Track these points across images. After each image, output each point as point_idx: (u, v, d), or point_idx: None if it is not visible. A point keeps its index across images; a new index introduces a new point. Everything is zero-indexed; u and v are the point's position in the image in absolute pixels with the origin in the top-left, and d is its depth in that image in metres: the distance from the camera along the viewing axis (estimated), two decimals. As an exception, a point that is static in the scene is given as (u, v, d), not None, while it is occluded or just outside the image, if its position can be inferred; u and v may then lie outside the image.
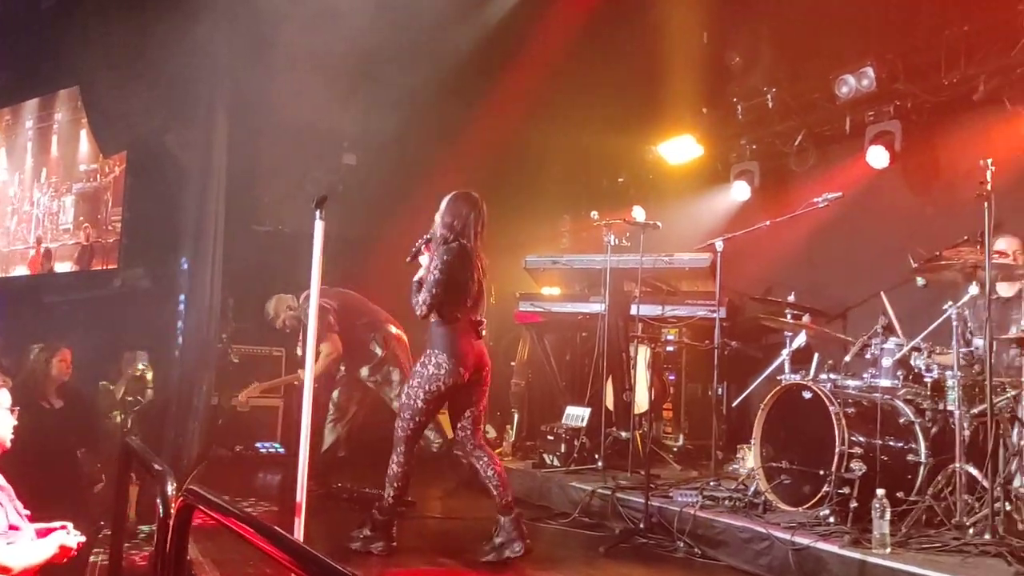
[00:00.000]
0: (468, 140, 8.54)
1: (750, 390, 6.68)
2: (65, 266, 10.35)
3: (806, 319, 5.92)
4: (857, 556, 4.03)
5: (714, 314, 6.38)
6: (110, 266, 9.63)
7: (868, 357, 5.17)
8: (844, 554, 4.09)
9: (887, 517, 4.08)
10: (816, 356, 5.56)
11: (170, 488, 2.45)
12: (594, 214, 6.75)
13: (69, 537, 3.26)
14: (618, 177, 9.41)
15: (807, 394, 4.99)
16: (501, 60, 7.89)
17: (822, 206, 5.86)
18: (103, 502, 5.39)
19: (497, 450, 7.64)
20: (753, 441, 5.24)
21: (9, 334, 8.14)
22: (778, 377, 5.70)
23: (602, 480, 6.07)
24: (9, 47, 10.20)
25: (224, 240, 7.44)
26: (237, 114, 7.52)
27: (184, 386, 7.24)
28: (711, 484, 5.68)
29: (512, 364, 8.34)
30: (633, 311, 6.92)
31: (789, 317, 5.88)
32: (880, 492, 4.15)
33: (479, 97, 8.14)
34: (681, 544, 4.90)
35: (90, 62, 8.84)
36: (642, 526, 5.15)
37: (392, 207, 8.41)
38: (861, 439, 4.72)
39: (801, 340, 5.85)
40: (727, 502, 5.20)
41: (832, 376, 5.26)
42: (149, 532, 4.74)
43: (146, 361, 7.74)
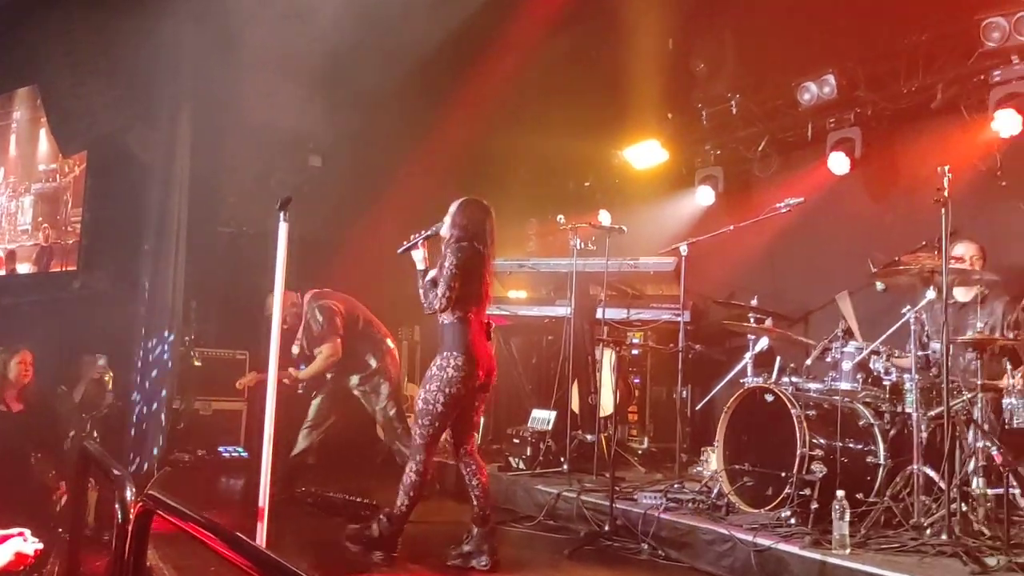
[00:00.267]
0: (435, 143, 8.54)
1: (714, 393, 6.75)
2: (24, 267, 10.16)
3: (768, 323, 5.99)
4: (817, 557, 4.08)
5: (678, 318, 6.43)
6: (69, 268, 9.46)
7: (829, 360, 5.24)
8: (805, 555, 4.14)
9: (847, 518, 4.13)
10: (778, 359, 5.62)
11: (128, 493, 2.41)
12: (560, 218, 6.77)
13: (26, 544, 3.19)
14: (584, 181, 9.45)
15: (769, 397, 5.05)
16: (468, 63, 7.89)
17: (784, 211, 5.94)
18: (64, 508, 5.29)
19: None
20: (716, 444, 5.29)
21: (-36, 337, 7.97)
22: (741, 380, 5.76)
23: (567, 483, 6.08)
24: (-35, 44, 10.00)
25: (187, 242, 7.36)
26: (201, 114, 7.44)
27: (145, 390, 7.14)
28: (675, 486, 5.71)
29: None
30: (599, 315, 6.96)
31: (752, 321, 5.94)
32: (840, 494, 4.21)
33: (446, 100, 8.13)
34: (645, 546, 4.93)
35: (49, 59, 8.69)
36: (607, 529, 5.17)
37: (358, 209, 8.38)
38: (822, 441, 4.78)
39: (764, 344, 5.93)
40: (691, 504, 5.25)
41: (794, 379, 5.32)
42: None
43: (106, 365, 7.62)
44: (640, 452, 7.39)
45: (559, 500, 5.76)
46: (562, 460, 6.58)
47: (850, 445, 4.85)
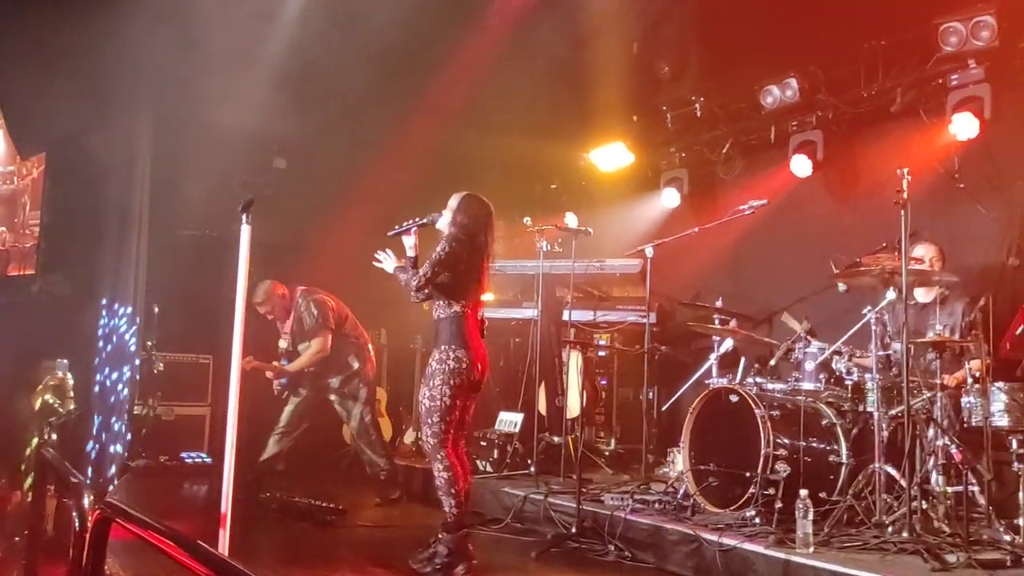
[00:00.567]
0: (400, 145, 8.50)
1: (679, 394, 6.79)
2: (-21, 271, 9.95)
3: (733, 324, 6.05)
4: (781, 556, 4.11)
5: (644, 319, 6.47)
6: (28, 272, 9.28)
7: (792, 361, 5.31)
8: (769, 554, 4.17)
9: (810, 517, 4.18)
10: (743, 360, 5.69)
11: (86, 501, 2.37)
12: (527, 220, 6.78)
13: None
14: (551, 183, 9.47)
15: (734, 398, 5.09)
16: (433, 65, 7.86)
17: (748, 213, 6.01)
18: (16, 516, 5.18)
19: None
20: (682, 444, 5.32)
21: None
22: (706, 381, 5.81)
23: (535, 485, 6.09)
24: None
25: (148, 245, 7.25)
26: (162, 115, 7.34)
27: (105, 395, 7.03)
28: (642, 488, 5.75)
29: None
30: (565, 316, 6.98)
31: (717, 322, 6.00)
32: (803, 493, 4.25)
33: (411, 103, 8.09)
34: (612, 548, 4.95)
35: (6, 59, 8.51)
36: (574, 530, 5.17)
37: (323, 211, 8.32)
38: (786, 441, 4.83)
39: (728, 345, 5.98)
40: (657, 505, 5.28)
41: (758, 380, 5.38)
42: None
43: (66, 370, 7.48)
44: (607, 453, 7.42)
45: (526, 502, 5.76)
46: (529, 462, 6.59)
47: (813, 445, 4.90)
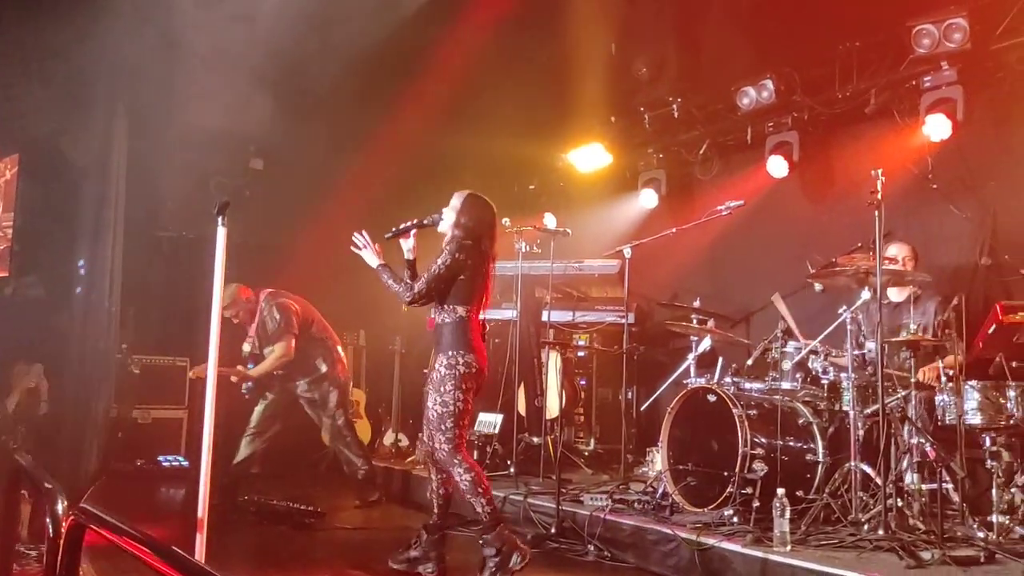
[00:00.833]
0: (378, 146, 8.47)
1: (658, 394, 6.81)
2: (-49, 274, 9.81)
3: (711, 324, 6.08)
4: (759, 554, 4.14)
5: (623, 320, 6.49)
6: (1, 274, 9.16)
7: (769, 360, 5.34)
8: (747, 553, 4.20)
9: (787, 516, 4.21)
10: (720, 360, 5.71)
11: (60, 507, 2.34)
12: (505, 221, 6.75)
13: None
14: (529, 184, 9.48)
15: (712, 397, 5.12)
16: (412, 66, 7.84)
17: (725, 214, 6.05)
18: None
19: (409, 458, 7.61)
20: (660, 444, 5.35)
21: None
22: (684, 381, 5.83)
23: (514, 486, 6.09)
24: None
25: (124, 246, 7.18)
26: (138, 115, 7.26)
27: (81, 399, 6.95)
28: (621, 487, 5.77)
29: (425, 371, 8.26)
30: (544, 317, 6.99)
31: (695, 322, 6.03)
32: (780, 492, 4.28)
33: (389, 103, 8.07)
34: (591, 548, 4.96)
35: (-22, 60, 8.41)
36: (553, 531, 5.19)
37: (300, 213, 8.28)
38: (763, 440, 4.86)
39: (706, 344, 6.01)
40: (636, 505, 5.30)
41: (735, 379, 5.41)
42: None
43: (40, 374, 7.40)
44: (586, 454, 7.44)
45: (506, 503, 5.76)
46: (509, 463, 6.59)
47: (790, 443, 4.94)
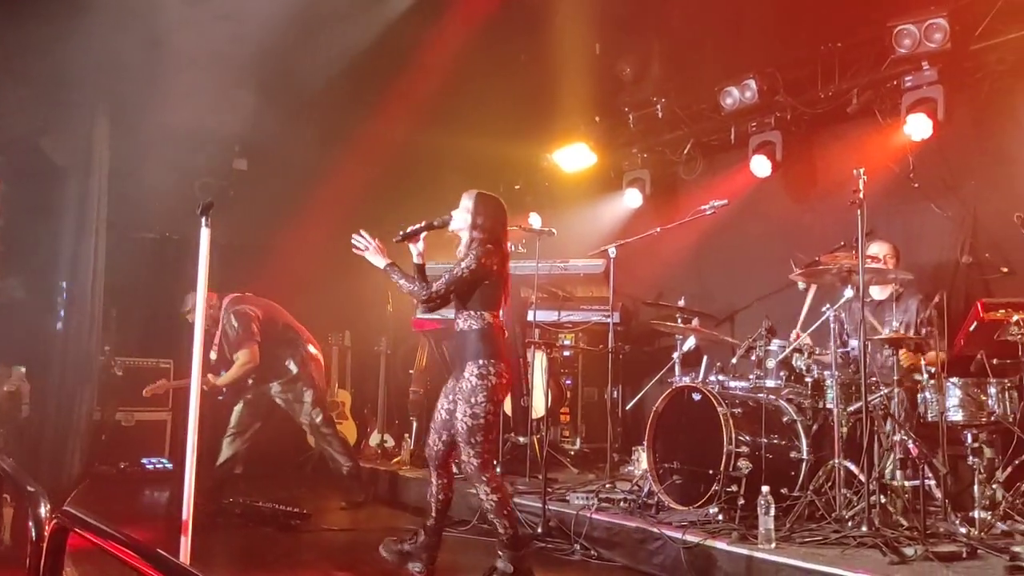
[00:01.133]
0: (363, 146, 8.46)
1: (643, 393, 6.84)
2: (-70, 276, 9.70)
3: (695, 323, 6.11)
4: (744, 552, 4.16)
5: (608, 319, 6.50)
6: (-19, 276, 9.08)
7: (753, 359, 5.36)
8: (732, 550, 4.23)
9: (772, 513, 4.23)
10: (705, 359, 5.74)
11: (43, 510, 2.32)
12: (490, 221, 6.76)
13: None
14: (514, 184, 9.48)
15: (697, 396, 5.14)
16: (396, 66, 7.83)
17: (709, 213, 6.07)
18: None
19: (395, 459, 7.60)
20: (645, 443, 5.36)
21: None
22: (669, 380, 5.86)
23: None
24: None
25: (106, 248, 7.13)
26: (120, 115, 7.21)
27: (64, 401, 6.89)
28: (607, 486, 5.78)
29: (411, 372, 8.30)
30: (530, 317, 6.99)
31: (679, 321, 6.06)
32: (765, 489, 4.31)
33: (374, 103, 8.06)
34: (578, 547, 4.97)
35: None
36: (540, 530, 5.19)
37: (285, 213, 8.25)
38: (747, 438, 4.89)
39: (691, 343, 6.03)
40: (622, 504, 5.31)
41: (720, 378, 5.44)
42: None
43: (22, 376, 7.33)
44: (572, 453, 7.45)
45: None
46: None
47: (774, 441, 4.97)
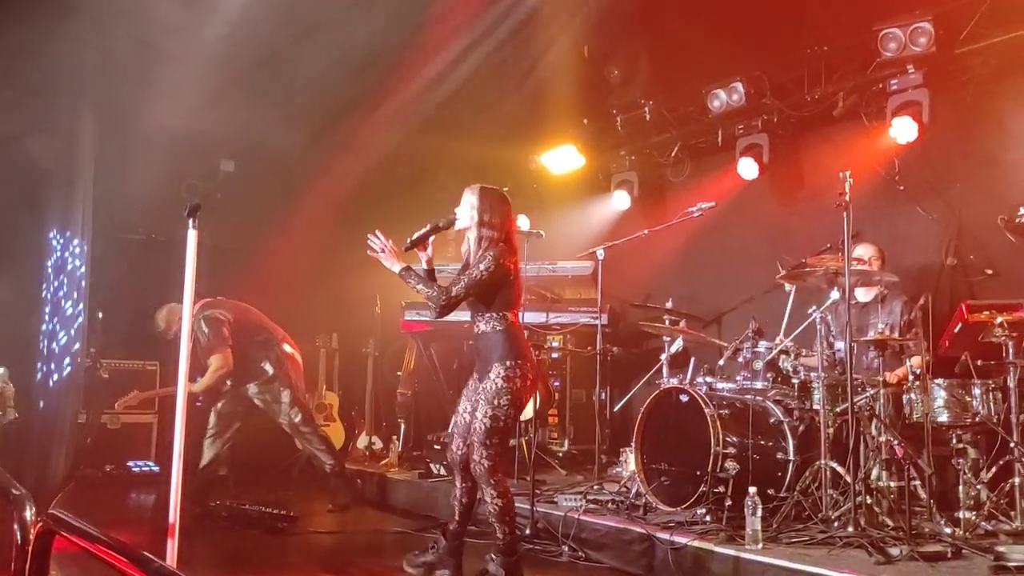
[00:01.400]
0: (352, 148, 8.44)
1: (631, 394, 6.86)
2: (-86, 278, 9.62)
3: (683, 324, 6.12)
4: (732, 552, 4.17)
5: (596, 321, 6.51)
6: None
7: (740, 360, 5.38)
8: (720, 551, 4.24)
9: (759, 514, 4.25)
10: (692, 360, 5.76)
11: (28, 513, 2.31)
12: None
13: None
14: (503, 186, 9.38)
15: (684, 397, 5.15)
16: (386, 68, 7.82)
17: (697, 215, 6.10)
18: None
19: (383, 461, 7.59)
20: (633, 444, 5.37)
21: None
22: (657, 381, 5.87)
23: (488, 488, 6.08)
24: None
25: (92, 249, 7.09)
26: (106, 116, 7.18)
27: (49, 404, 6.85)
28: (595, 488, 5.79)
29: (398, 374, 8.29)
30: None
31: (667, 323, 6.07)
32: (752, 490, 4.33)
33: (363, 105, 8.04)
34: (566, 548, 4.96)
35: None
36: (528, 532, 5.18)
37: (273, 215, 8.22)
38: (735, 439, 4.90)
39: (679, 345, 6.05)
40: (610, 505, 5.32)
41: (708, 379, 5.45)
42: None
43: (7, 378, 7.28)
44: (560, 454, 7.46)
45: (480, 505, 5.75)
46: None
47: (761, 442, 4.99)
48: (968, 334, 4.70)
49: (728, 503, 4.62)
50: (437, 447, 6.77)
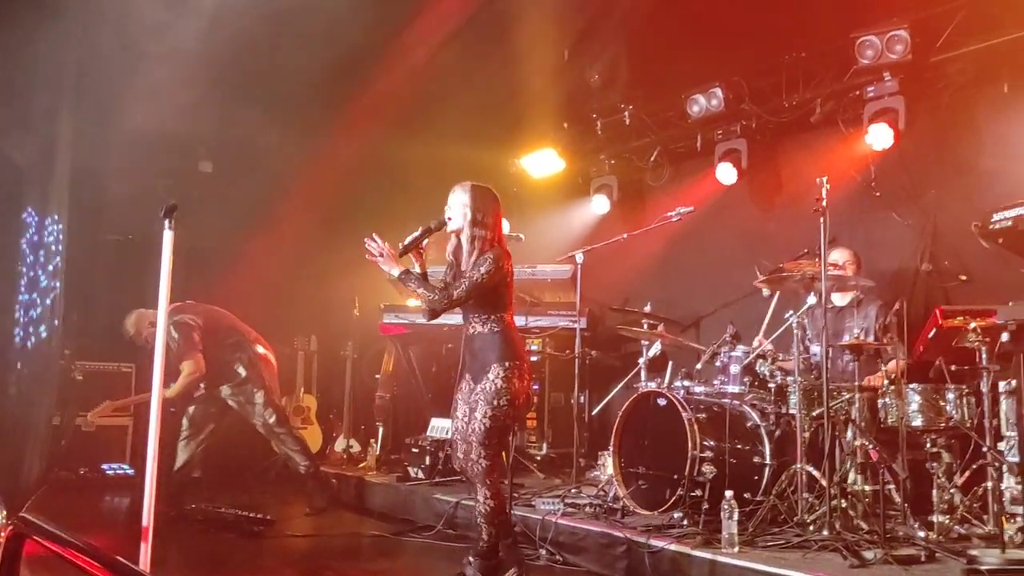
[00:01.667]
0: (331, 151, 8.42)
1: (609, 398, 6.87)
2: None
3: (661, 328, 6.15)
4: (708, 556, 4.18)
5: (575, 324, 6.53)
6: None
7: (718, 364, 5.41)
8: (696, 555, 4.25)
9: (735, 517, 4.27)
10: (670, 364, 5.78)
11: (-1, 517, 2.29)
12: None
13: None
14: (483, 189, 9.47)
15: (662, 401, 5.17)
16: (364, 70, 7.81)
17: (676, 220, 6.13)
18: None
19: (361, 464, 7.56)
20: (611, 448, 5.38)
21: None
22: (635, 385, 5.89)
23: (466, 491, 6.06)
24: None
25: (67, 250, 7.01)
26: (83, 115, 7.11)
27: (22, 405, 6.77)
28: (573, 491, 5.79)
29: (377, 377, 8.25)
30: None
31: (645, 327, 6.09)
32: (728, 494, 4.34)
33: (341, 107, 8.03)
34: (543, 552, 4.95)
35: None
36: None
37: (251, 217, 8.17)
38: (712, 443, 4.92)
39: (657, 349, 6.08)
40: (588, 509, 5.32)
41: (685, 383, 5.47)
42: None
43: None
44: (539, 458, 7.45)
45: (458, 508, 5.75)
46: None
47: (738, 446, 5.01)
48: (942, 339, 4.75)
49: (705, 507, 4.63)
50: (415, 450, 6.75)
